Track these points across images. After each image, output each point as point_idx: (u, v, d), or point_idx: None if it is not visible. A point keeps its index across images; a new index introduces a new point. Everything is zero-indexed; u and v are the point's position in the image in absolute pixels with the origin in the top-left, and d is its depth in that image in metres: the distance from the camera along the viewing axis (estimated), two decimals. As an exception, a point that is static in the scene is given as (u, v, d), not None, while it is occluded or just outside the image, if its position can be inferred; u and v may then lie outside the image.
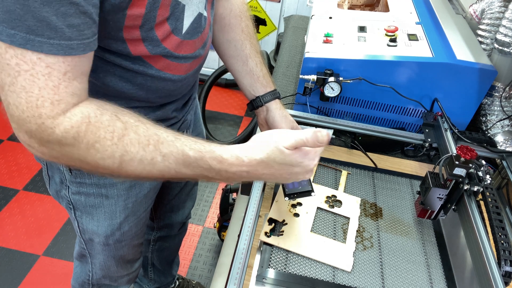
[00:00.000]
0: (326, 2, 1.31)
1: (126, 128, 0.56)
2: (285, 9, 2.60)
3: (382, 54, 1.02)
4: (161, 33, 0.64)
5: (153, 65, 0.69)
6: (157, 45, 0.66)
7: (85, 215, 0.88)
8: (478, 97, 1.03)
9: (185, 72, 0.75)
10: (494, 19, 1.09)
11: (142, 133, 0.56)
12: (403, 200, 0.90)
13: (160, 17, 0.62)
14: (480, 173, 0.76)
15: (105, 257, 0.98)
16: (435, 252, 0.80)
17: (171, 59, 0.70)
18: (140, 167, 0.56)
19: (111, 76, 0.68)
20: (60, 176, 0.83)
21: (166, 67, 0.71)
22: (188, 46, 0.71)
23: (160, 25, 0.64)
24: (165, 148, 0.57)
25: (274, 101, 0.88)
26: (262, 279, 0.70)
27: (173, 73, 0.72)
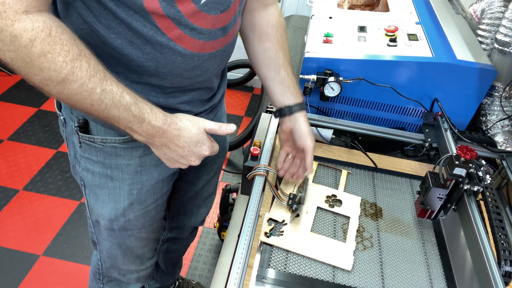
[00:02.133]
0: (326, 2, 1.31)
1: (80, 54, 0.60)
2: (285, 9, 2.60)
3: (382, 54, 1.02)
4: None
5: (165, 32, 0.68)
6: (172, 5, 0.65)
7: (92, 194, 0.90)
8: (478, 97, 1.03)
9: (198, 50, 0.74)
10: (494, 19, 1.09)
11: (93, 65, 0.62)
12: (403, 200, 0.90)
13: None
14: (480, 173, 0.76)
15: (111, 244, 0.99)
16: (435, 252, 0.80)
17: (184, 30, 0.69)
18: (78, 91, 0.61)
19: (121, 39, 0.68)
20: (74, 149, 0.86)
21: (178, 38, 0.70)
22: (204, 19, 0.70)
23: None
24: (108, 85, 0.63)
25: (301, 113, 0.90)
26: (262, 279, 0.70)
27: (185, 46, 0.71)
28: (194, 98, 0.84)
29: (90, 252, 1.80)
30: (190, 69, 0.76)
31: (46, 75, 0.59)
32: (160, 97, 0.78)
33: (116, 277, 1.10)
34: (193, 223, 1.28)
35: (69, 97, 0.62)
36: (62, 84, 0.60)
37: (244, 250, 0.65)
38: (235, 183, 1.73)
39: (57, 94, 0.61)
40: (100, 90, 0.62)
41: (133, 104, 0.66)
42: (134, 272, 1.09)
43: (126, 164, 0.85)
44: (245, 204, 0.76)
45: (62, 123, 0.86)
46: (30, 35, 0.56)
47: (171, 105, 0.80)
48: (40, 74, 0.59)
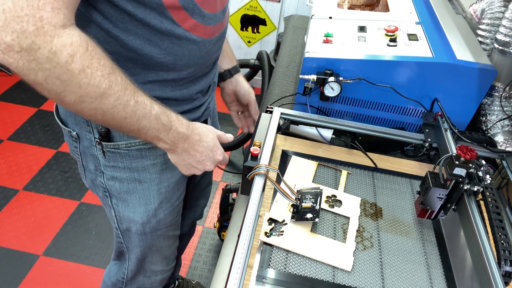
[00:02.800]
0: (326, 2, 1.31)
1: (113, 68, 0.61)
2: (285, 9, 2.60)
3: (382, 54, 1.02)
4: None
5: (180, 24, 0.69)
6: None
7: (120, 202, 0.90)
8: (478, 97, 1.03)
9: (209, 35, 0.77)
10: (494, 19, 1.09)
11: (124, 78, 0.63)
12: (403, 200, 0.90)
13: None
14: (480, 173, 0.76)
15: (142, 249, 0.99)
16: (435, 252, 0.80)
17: (197, 18, 0.71)
18: (114, 104, 0.61)
19: (140, 40, 0.68)
20: (94, 162, 0.85)
21: (192, 28, 0.72)
22: (211, 4, 0.74)
23: None
24: (139, 97, 0.65)
25: (239, 74, 1.02)
26: (262, 279, 0.70)
27: (198, 34, 0.74)
28: (204, 85, 0.88)
29: (90, 252, 1.80)
30: (203, 56, 0.79)
31: (83, 92, 0.57)
32: (176, 91, 0.80)
33: (141, 285, 1.09)
34: (193, 216, 1.30)
35: (104, 112, 0.62)
36: (100, 100, 0.60)
37: (244, 250, 0.65)
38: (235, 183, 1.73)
39: (91, 110, 0.60)
40: (134, 102, 0.64)
41: (161, 113, 0.69)
42: (159, 273, 1.09)
43: (152, 164, 0.86)
44: (245, 204, 0.76)
45: (73, 139, 0.84)
46: (70, 50, 0.54)
47: (185, 96, 0.83)
48: (78, 92, 0.57)
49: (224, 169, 2.39)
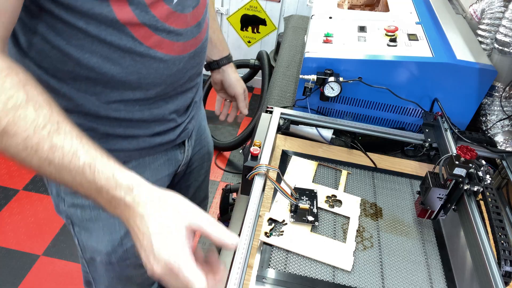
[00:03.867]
0: (326, 2, 1.31)
1: (27, 101, 0.49)
2: (285, 9, 2.60)
3: (382, 54, 1.02)
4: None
5: (142, 41, 0.63)
6: (145, 11, 0.61)
7: (83, 230, 0.82)
8: (478, 97, 1.03)
9: (179, 52, 0.71)
10: (494, 19, 1.09)
11: (43, 115, 0.49)
12: (403, 200, 0.90)
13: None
14: (480, 173, 0.76)
15: (110, 279, 0.90)
16: (435, 252, 0.80)
17: (162, 35, 0.65)
18: (22, 146, 0.49)
19: (97, 57, 0.62)
20: (56, 186, 0.79)
21: (157, 45, 0.66)
22: (179, 19, 0.67)
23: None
24: (59, 140, 0.49)
25: (229, 65, 1.02)
26: (262, 279, 0.70)
27: (165, 51, 0.68)
28: (180, 104, 0.81)
29: (90, 252, 1.80)
30: (173, 74, 0.72)
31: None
32: (145, 111, 0.73)
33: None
34: None
35: (12, 155, 0.50)
36: (5, 139, 0.48)
37: (244, 250, 0.65)
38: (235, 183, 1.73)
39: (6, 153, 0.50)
40: (48, 146, 0.49)
41: (88, 166, 0.50)
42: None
43: None
44: (245, 204, 0.76)
45: None
46: None
47: (157, 116, 0.76)
48: None
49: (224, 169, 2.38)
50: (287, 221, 0.80)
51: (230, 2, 2.63)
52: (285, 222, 0.80)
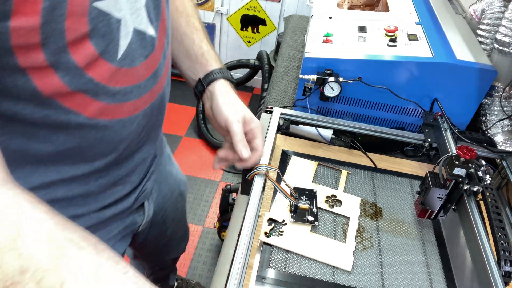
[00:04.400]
0: (326, 2, 1.31)
1: None
2: (285, 9, 2.60)
3: (382, 54, 1.02)
4: (81, 56, 0.45)
5: (79, 111, 0.49)
6: (79, 75, 0.46)
7: None
8: (478, 97, 1.03)
9: (129, 113, 0.56)
10: (494, 19, 1.09)
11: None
12: (403, 200, 0.90)
13: (73, 32, 0.43)
14: (480, 173, 0.76)
15: None
16: (435, 252, 0.80)
17: (105, 100, 0.51)
18: None
19: (19, 138, 0.48)
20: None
21: (99, 113, 0.51)
22: (127, 76, 0.53)
23: (78, 45, 0.44)
24: None
25: (217, 82, 0.69)
26: (262, 279, 0.70)
27: (111, 117, 0.53)
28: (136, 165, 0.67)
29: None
30: (124, 138, 0.58)
31: None
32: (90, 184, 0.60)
33: None
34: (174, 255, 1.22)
35: None
36: None
37: (244, 250, 0.65)
38: (235, 183, 1.73)
39: None
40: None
41: None
42: None
43: None
44: (245, 204, 0.76)
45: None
46: None
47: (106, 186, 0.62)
48: None
49: (224, 169, 2.38)
50: (287, 221, 0.80)
51: (230, 2, 2.63)
52: (285, 222, 0.80)
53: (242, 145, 0.68)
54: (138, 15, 0.52)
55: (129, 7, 0.50)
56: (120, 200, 0.67)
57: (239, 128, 0.69)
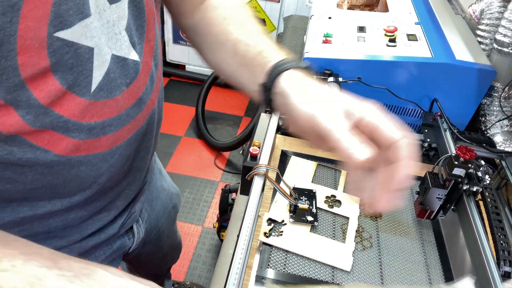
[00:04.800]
0: (326, 2, 1.31)
1: None
2: (284, 9, 2.60)
3: (381, 54, 1.02)
4: (44, 93, 0.40)
5: (50, 149, 0.43)
6: (44, 113, 0.41)
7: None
8: (477, 97, 1.03)
9: (109, 147, 0.50)
10: (493, 19, 1.09)
11: None
12: (402, 200, 0.90)
13: (30, 68, 0.37)
14: (479, 173, 0.76)
15: None
16: (434, 252, 0.80)
17: (79, 136, 0.45)
18: None
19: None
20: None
21: (73, 150, 0.45)
22: (105, 108, 0.47)
23: (38, 81, 0.39)
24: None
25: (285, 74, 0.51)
26: (261, 279, 0.70)
27: (87, 152, 0.48)
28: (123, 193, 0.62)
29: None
30: (103, 172, 0.52)
31: None
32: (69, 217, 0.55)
33: None
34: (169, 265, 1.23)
35: None
36: None
37: (243, 251, 0.65)
38: (234, 183, 1.73)
39: None
40: None
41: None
42: None
43: None
44: (244, 204, 0.76)
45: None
46: None
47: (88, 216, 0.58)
48: None
49: (223, 169, 2.39)
50: (286, 221, 0.80)
51: (229, 2, 2.62)
52: (284, 223, 0.80)
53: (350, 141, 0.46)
54: (117, 40, 0.46)
55: (105, 33, 0.44)
56: (105, 228, 0.63)
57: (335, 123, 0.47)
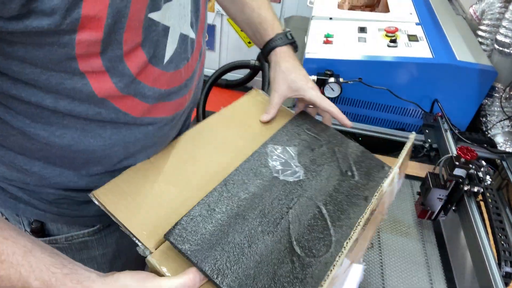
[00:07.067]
0: (327, 2, 1.31)
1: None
2: (285, 10, 2.60)
3: (382, 55, 1.02)
4: (134, 64, 0.49)
5: (128, 112, 0.53)
6: (130, 81, 0.50)
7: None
8: (478, 97, 1.03)
9: (172, 112, 0.60)
10: (494, 19, 1.09)
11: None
12: (404, 201, 0.90)
13: (129, 43, 0.46)
14: (480, 174, 0.76)
15: None
16: (435, 252, 0.80)
17: (151, 101, 0.54)
18: None
19: (71, 134, 0.52)
20: None
21: (145, 112, 0.55)
22: (173, 78, 0.56)
23: (132, 54, 0.48)
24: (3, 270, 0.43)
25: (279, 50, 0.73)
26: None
27: (155, 115, 0.57)
28: None
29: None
30: (166, 132, 0.62)
31: None
32: None
33: None
34: None
35: None
36: None
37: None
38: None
39: None
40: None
41: None
42: None
43: (101, 254, 0.70)
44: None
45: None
46: None
47: None
48: None
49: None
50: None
51: (230, 3, 2.63)
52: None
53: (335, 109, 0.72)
54: (185, 21, 0.55)
55: (178, 14, 0.53)
56: None
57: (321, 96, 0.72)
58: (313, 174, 0.62)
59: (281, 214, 0.55)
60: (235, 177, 0.57)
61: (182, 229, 0.49)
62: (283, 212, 0.55)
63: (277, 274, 0.48)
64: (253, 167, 0.60)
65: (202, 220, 0.51)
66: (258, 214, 0.54)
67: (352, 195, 0.62)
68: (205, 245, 0.48)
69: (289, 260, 0.50)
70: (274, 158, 0.63)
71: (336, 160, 0.67)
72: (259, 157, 0.62)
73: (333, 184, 0.62)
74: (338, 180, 0.63)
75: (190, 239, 0.48)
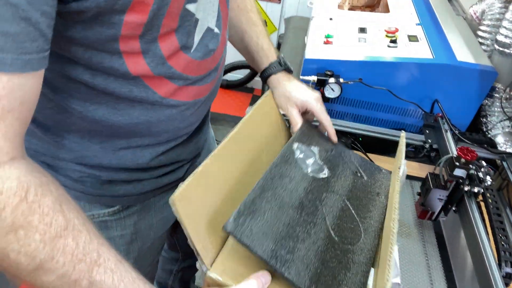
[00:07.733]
0: (327, 3, 1.31)
1: (67, 227, 0.42)
2: (285, 10, 2.60)
3: (382, 55, 1.02)
4: (167, 48, 0.54)
5: (156, 91, 0.58)
6: (162, 63, 0.55)
7: None
8: (479, 98, 1.03)
9: (194, 97, 0.65)
10: (494, 20, 1.09)
11: (82, 243, 0.43)
12: (404, 201, 0.90)
13: (165, 28, 0.52)
14: (480, 174, 0.76)
15: None
16: (435, 253, 0.80)
17: (178, 83, 0.60)
18: (57, 283, 0.42)
19: (103, 110, 0.56)
20: None
21: (172, 93, 0.60)
22: (199, 67, 0.62)
23: (166, 38, 0.53)
24: (99, 275, 0.43)
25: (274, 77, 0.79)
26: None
27: (180, 99, 0.62)
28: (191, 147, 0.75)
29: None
30: (187, 118, 0.66)
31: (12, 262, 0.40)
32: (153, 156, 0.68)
33: None
34: None
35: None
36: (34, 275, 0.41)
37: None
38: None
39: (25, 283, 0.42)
40: (88, 282, 0.42)
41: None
42: None
43: (119, 235, 0.73)
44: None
45: None
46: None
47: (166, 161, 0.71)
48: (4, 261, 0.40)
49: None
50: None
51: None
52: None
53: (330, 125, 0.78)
54: (212, 17, 0.61)
55: (207, 9, 0.59)
56: (175, 171, 0.75)
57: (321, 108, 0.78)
58: (333, 173, 0.69)
59: (316, 207, 0.60)
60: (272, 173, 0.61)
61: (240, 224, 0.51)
62: (317, 205, 0.61)
63: (325, 260, 0.53)
64: (284, 164, 0.64)
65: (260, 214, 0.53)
66: (298, 206, 0.58)
67: (366, 191, 0.70)
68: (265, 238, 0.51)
69: (331, 246, 0.56)
70: (301, 157, 0.67)
71: (346, 162, 0.74)
72: (289, 155, 0.66)
73: (349, 182, 0.69)
74: (353, 178, 0.71)
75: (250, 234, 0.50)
